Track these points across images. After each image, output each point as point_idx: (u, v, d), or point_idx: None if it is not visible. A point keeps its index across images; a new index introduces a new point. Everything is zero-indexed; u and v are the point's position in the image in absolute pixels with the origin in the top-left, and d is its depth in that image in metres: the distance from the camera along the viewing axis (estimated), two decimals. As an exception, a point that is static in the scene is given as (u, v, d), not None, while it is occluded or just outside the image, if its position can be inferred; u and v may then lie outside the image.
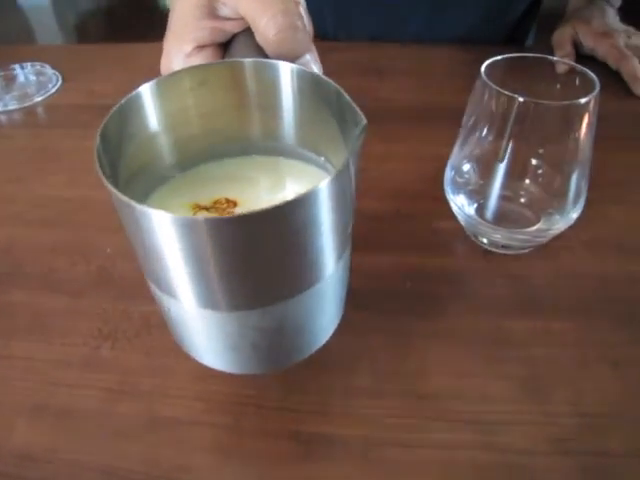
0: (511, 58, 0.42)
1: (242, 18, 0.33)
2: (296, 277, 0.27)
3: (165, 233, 0.24)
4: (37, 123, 0.68)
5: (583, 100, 0.38)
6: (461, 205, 0.46)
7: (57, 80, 0.76)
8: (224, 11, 0.34)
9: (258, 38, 0.33)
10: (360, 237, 0.46)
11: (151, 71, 0.36)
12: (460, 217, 0.47)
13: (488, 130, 0.42)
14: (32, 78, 0.77)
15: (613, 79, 0.68)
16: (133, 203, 0.23)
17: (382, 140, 0.58)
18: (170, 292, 0.28)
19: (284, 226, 0.24)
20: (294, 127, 0.34)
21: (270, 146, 0.35)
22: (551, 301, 0.43)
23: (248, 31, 0.34)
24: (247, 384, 0.38)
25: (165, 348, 0.41)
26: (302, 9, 0.33)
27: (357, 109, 0.26)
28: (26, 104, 0.72)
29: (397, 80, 0.70)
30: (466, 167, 0.46)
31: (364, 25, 0.82)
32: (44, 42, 3.03)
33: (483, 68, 0.41)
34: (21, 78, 0.77)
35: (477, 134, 0.43)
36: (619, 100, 0.65)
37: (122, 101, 0.29)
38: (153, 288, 0.30)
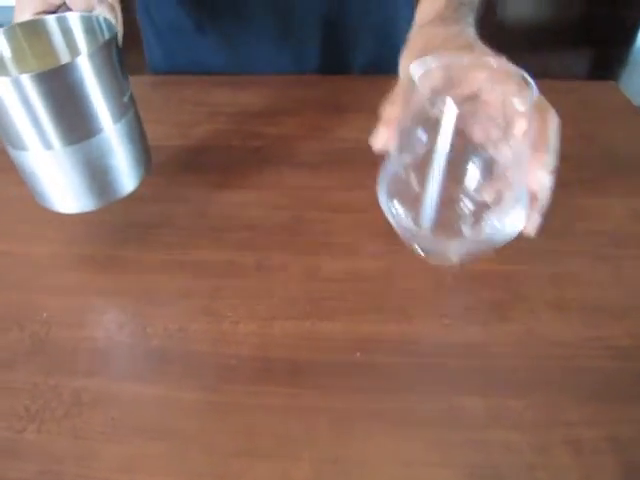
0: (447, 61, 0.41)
1: None
2: (89, 121, 0.42)
3: (3, 92, 0.38)
4: None
5: (518, 102, 0.36)
6: (397, 214, 0.43)
7: None
8: None
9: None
10: (314, 301, 0.44)
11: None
12: (397, 227, 0.44)
13: (424, 135, 0.39)
14: None
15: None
16: None
17: (342, 188, 0.55)
18: (20, 145, 0.42)
19: (63, 83, 0.40)
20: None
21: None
22: (508, 374, 0.40)
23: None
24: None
25: (94, 431, 0.38)
26: None
27: (112, 25, 0.44)
28: None
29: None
30: (401, 174, 0.43)
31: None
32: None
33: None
34: None
35: (413, 140, 0.41)
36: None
37: None
38: (11, 152, 0.44)
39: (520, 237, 0.48)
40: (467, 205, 0.42)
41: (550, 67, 2.49)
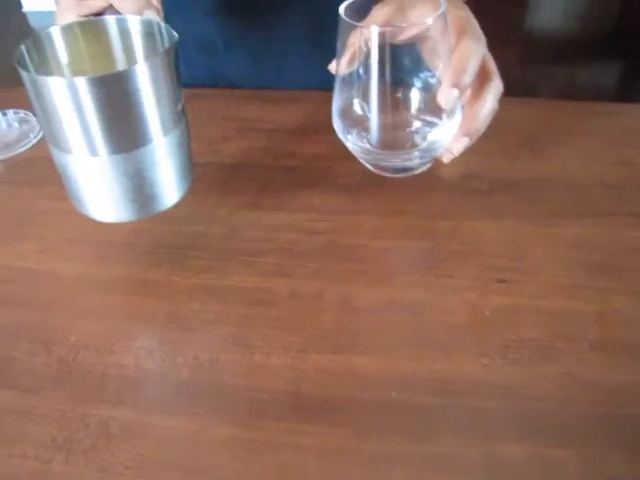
0: None
1: None
2: (140, 130, 0.41)
3: (55, 93, 0.38)
4: (13, 179, 0.64)
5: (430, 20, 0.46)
6: (355, 142, 0.53)
7: (40, 129, 0.72)
8: None
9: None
10: (348, 334, 0.42)
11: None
12: (358, 154, 0.54)
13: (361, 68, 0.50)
14: (15, 126, 0.74)
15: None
16: (34, 75, 0.40)
17: (378, 213, 0.54)
18: (65, 148, 0.41)
19: (119, 89, 0.39)
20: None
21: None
22: (550, 421, 0.38)
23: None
24: None
25: (122, 465, 0.37)
26: None
27: (172, 31, 0.43)
28: (6, 156, 0.68)
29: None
30: (351, 104, 0.53)
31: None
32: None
33: (342, 9, 0.48)
34: (3, 126, 0.74)
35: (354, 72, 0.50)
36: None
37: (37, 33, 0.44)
38: (54, 153, 0.43)
39: (559, 271, 0.47)
40: (410, 122, 0.55)
41: (579, 79, 2.46)
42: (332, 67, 0.52)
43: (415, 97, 0.55)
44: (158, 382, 0.42)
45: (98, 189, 0.44)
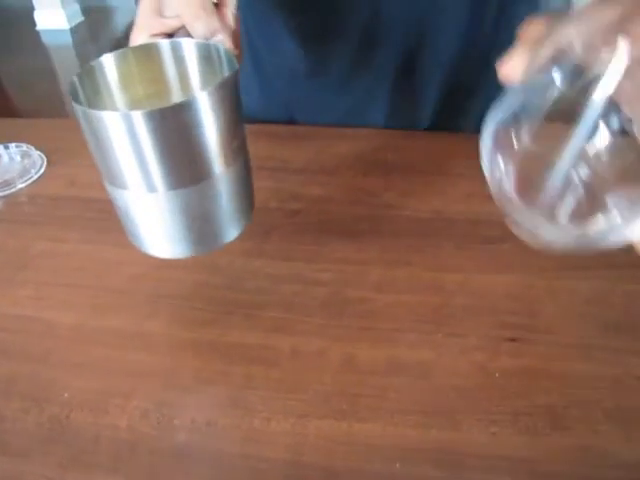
0: None
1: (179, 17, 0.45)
2: (199, 164, 0.39)
3: (111, 128, 0.36)
4: (12, 217, 0.63)
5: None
6: (499, 173, 0.33)
7: (41, 164, 0.72)
8: (168, 12, 0.45)
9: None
10: (351, 398, 0.40)
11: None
12: (492, 187, 0.34)
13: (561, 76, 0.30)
14: (17, 160, 0.73)
15: None
16: (88, 109, 0.36)
17: (385, 263, 0.52)
18: (121, 183, 0.39)
19: (176, 122, 0.36)
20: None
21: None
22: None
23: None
24: None
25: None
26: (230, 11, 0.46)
27: (232, 57, 0.41)
28: (7, 192, 0.67)
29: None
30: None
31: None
32: (63, 81, 3.04)
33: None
34: (5, 160, 0.73)
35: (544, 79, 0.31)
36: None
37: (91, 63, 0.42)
38: (109, 189, 0.41)
39: (573, 330, 0.45)
40: (583, 186, 0.32)
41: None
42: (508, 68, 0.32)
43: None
44: (153, 447, 0.40)
45: (154, 224, 0.42)
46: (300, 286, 0.50)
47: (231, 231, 0.43)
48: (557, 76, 0.29)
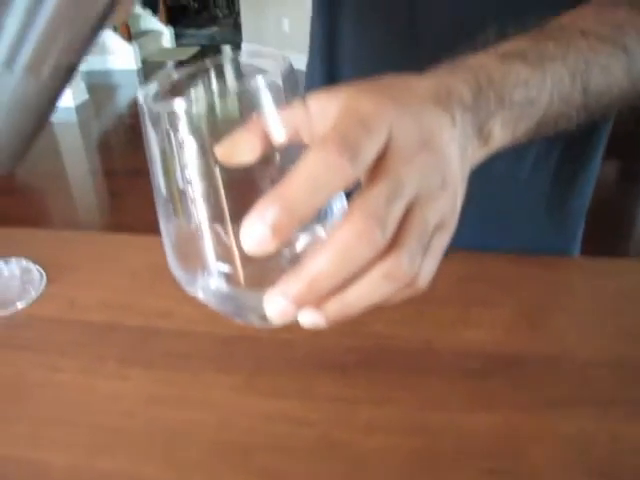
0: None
1: None
2: None
3: None
4: (10, 342, 0.64)
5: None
6: (207, 287, 0.33)
7: (41, 281, 0.73)
8: None
9: None
10: None
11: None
12: (214, 302, 0.35)
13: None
14: (17, 275, 0.75)
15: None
16: None
17: (373, 401, 0.53)
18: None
19: None
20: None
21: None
22: None
23: None
24: None
25: None
26: None
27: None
28: (6, 313, 0.69)
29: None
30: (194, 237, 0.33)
31: None
32: (67, 158, 3.10)
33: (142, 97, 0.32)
34: (5, 274, 0.75)
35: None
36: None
37: None
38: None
39: (559, 476, 0.45)
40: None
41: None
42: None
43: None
44: None
45: None
46: (288, 426, 0.51)
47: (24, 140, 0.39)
48: None
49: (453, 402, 0.53)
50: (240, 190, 0.32)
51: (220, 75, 0.36)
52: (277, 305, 0.30)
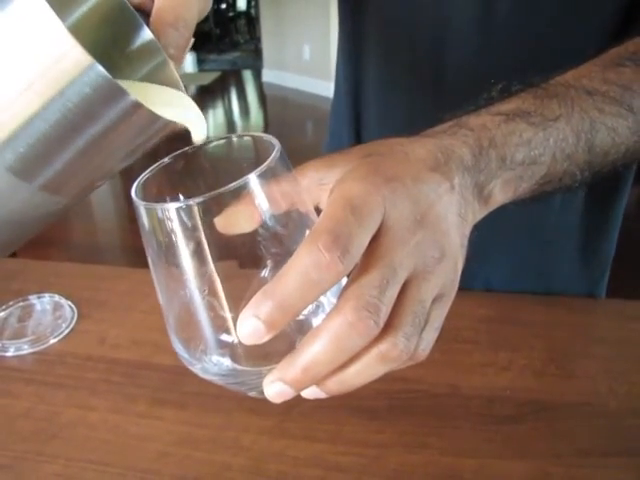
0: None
1: None
2: None
3: None
4: (42, 378, 0.65)
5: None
6: (215, 364, 0.35)
7: (72, 317, 0.75)
8: None
9: None
10: None
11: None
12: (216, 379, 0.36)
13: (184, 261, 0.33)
14: (48, 310, 0.76)
15: None
16: None
17: (402, 447, 0.53)
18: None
19: None
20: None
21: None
22: None
23: None
24: None
25: None
26: None
27: None
28: (39, 348, 0.70)
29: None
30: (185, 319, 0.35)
31: None
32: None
33: (134, 190, 0.33)
34: (38, 309, 0.76)
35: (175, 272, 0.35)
36: None
37: None
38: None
39: None
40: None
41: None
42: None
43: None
44: None
45: None
46: (321, 471, 0.52)
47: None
48: None
49: (483, 449, 0.53)
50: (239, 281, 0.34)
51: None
52: (276, 388, 0.31)
